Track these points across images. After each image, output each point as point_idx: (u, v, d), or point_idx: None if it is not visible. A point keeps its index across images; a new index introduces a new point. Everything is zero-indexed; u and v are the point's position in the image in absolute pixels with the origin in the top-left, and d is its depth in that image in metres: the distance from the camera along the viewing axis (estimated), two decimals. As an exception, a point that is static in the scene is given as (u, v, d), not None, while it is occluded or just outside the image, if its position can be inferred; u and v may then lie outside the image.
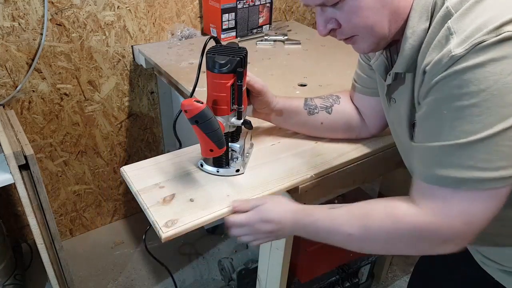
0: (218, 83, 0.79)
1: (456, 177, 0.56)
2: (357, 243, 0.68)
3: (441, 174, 0.58)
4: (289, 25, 1.88)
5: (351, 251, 1.35)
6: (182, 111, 0.75)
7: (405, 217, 0.62)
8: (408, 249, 0.64)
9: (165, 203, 0.80)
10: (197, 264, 1.75)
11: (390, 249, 0.66)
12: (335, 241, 0.70)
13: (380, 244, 0.66)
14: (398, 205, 0.64)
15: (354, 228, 0.67)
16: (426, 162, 0.60)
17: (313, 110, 0.96)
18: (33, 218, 1.17)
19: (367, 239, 0.66)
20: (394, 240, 0.64)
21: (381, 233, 0.64)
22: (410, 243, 0.63)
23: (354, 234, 0.66)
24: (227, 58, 0.77)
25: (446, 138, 0.56)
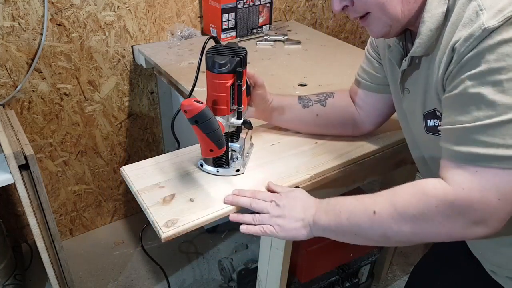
0: (217, 83, 0.79)
1: (494, 155, 0.54)
2: (383, 224, 0.62)
3: (476, 152, 0.55)
4: (289, 25, 1.88)
5: (351, 251, 1.37)
6: (180, 111, 0.75)
7: (435, 190, 0.58)
8: (439, 228, 0.58)
9: (165, 203, 0.80)
10: (197, 264, 1.75)
11: (419, 230, 0.60)
12: (358, 223, 0.65)
13: (408, 224, 0.60)
14: (427, 181, 0.60)
15: (380, 205, 0.63)
16: (459, 141, 0.57)
17: (307, 103, 0.97)
18: (33, 218, 1.17)
19: (394, 218, 0.61)
20: (423, 217, 0.59)
21: (409, 210, 0.60)
22: (440, 220, 0.58)
23: (380, 212, 0.62)
24: (227, 58, 0.77)
25: (486, 116, 0.54)
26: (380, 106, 0.93)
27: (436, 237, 0.60)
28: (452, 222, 0.57)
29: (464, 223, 0.57)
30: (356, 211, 0.66)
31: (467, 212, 0.56)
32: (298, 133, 1.03)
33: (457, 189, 0.56)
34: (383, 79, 0.89)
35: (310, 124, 0.99)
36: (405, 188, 0.62)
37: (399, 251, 1.83)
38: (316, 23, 2.11)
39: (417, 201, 0.59)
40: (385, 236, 0.63)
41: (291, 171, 0.90)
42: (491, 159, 0.54)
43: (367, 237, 0.66)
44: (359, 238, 0.67)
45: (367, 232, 0.65)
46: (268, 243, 1.06)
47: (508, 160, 0.53)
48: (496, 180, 0.54)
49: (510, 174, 0.54)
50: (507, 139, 0.53)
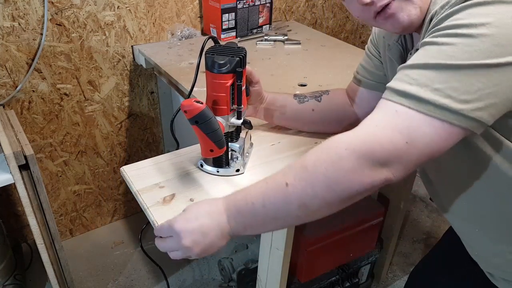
0: (217, 83, 0.79)
1: (418, 96, 0.53)
2: (297, 192, 0.57)
3: (404, 89, 0.54)
4: (289, 25, 1.88)
5: (351, 251, 1.37)
6: (179, 111, 0.75)
7: (345, 136, 0.56)
8: (350, 175, 0.54)
9: (165, 203, 0.80)
10: (197, 264, 1.75)
11: (332, 185, 0.55)
12: (274, 204, 0.59)
13: (320, 181, 0.56)
14: (336, 135, 0.58)
15: (291, 174, 0.58)
16: (394, 79, 0.57)
17: (303, 99, 0.98)
18: (33, 218, 1.17)
19: (307, 180, 0.56)
20: (334, 166, 0.55)
21: (320, 164, 0.56)
22: (351, 165, 0.54)
23: (293, 182, 0.57)
24: (227, 58, 0.77)
25: (429, 56, 0.54)
26: (372, 102, 0.93)
27: (350, 187, 0.55)
28: (362, 165, 0.54)
29: (372, 164, 0.54)
30: (268, 192, 0.60)
31: (375, 150, 0.53)
32: (298, 133, 1.03)
33: (370, 127, 0.55)
34: (382, 77, 0.89)
35: (306, 120, 0.99)
36: (314, 149, 0.59)
37: (399, 251, 1.83)
38: (316, 23, 2.11)
39: (327, 152, 0.56)
40: (303, 205, 0.57)
41: (291, 171, 0.90)
42: (413, 99, 0.53)
43: (287, 216, 0.60)
44: (280, 221, 0.61)
45: (285, 209, 0.59)
46: (268, 243, 1.06)
47: (426, 104, 0.52)
48: (410, 123, 0.53)
49: (426, 121, 0.53)
50: (435, 82, 0.52)
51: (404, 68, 0.57)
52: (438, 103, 0.52)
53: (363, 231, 1.33)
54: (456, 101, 0.51)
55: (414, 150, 0.53)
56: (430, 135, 0.53)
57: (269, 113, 0.99)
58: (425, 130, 0.53)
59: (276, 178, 0.60)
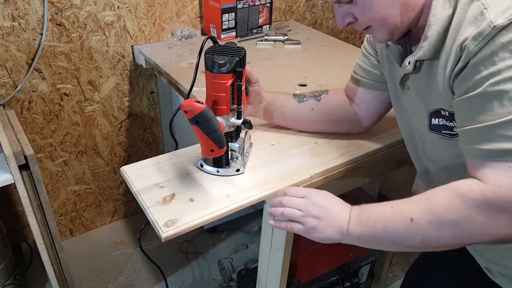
0: (217, 83, 0.79)
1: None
2: (422, 231, 0.61)
3: (505, 148, 0.56)
4: (289, 25, 1.88)
5: (351, 251, 1.36)
6: (178, 111, 0.75)
7: (472, 192, 0.57)
8: (482, 228, 0.57)
9: (165, 203, 0.80)
10: (197, 264, 1.75)
11: (461, 234, 0.59)
12: (395, 232, 0.64)
13: (448, 229, 0.59)
14: (460, 183, 0.60)
15: (417, 212, 0.61)
16: (484, 140, 0.58)
17: (302, 98, 0.99)
18: (33, 218, 1.17)
19: (434, 224, 0.60)
20: (464, 220, 0.58)
21: (448, 214, 0.59)
22: (483, 220, 0.57)
23: (418, 220, 0.61)
24: (226, 58, 0.77)
25: (510, 111, 0.55)
26: (376, 103, 0.94)
27: (479, 238, 0.59)
28: (495, 221, 0.56)
29: (507, 221, 0.56)
30: (392, 219, 0.64)
31: (509, 209, 0.55)
32: (298, 133, 1.03)
33: (495, 187, 0.56)
34: (379, 76, 0.89)
35: (306, 119, 1.00)
36: (440, 192, 0.61)
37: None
38: (316, 23, 2.11)
39: (456, 205, 0.58)
40: (424, 242, 0.62)
41: (291, 171, 0.90)
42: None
43: (405, 245, 0.64)
44: (398, 246, 0.66)
45: (405, 240, 0.63)
46: (268, 243, 1.06)
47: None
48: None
49: None
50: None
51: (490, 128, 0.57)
52: None
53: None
54: None
55: None
56: None
57: (268, 113, 0.99)
58: None
59: (402, 208, 0.64)
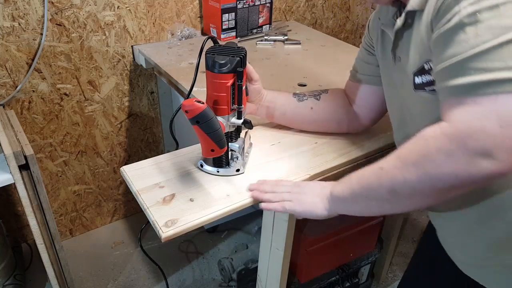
0: (218, 83, 0.79)
1: (494, 80, 0.50)
2: (388, 176, 0.62)
3: (475, 80, 0.52)
4: (289, 25, 1.88)
5: (351, 251, 1.36)
6: (178, 111, 0.75)
7: (434, 132, 0.56)
8: (442, 167, 0.54)
9: (165, 203, 0.80)
10: (197, 264, 1.75)
11: (423, 175, 0.56)
12: (367, 183, 0.66)
13: (411, 169, 0.58)
14: (427, 128, 0.58)
15: (386, 161, 0.63)
16: (455, 75, 0.54)
17: (302, 97, 0.99)
18: (33, 218, 1.17)
19: (398, 167, 0.60)
20: (425, 159, 0.56)
21: (411, 155, 0.58)
22: (443, 158, 0.54)
23: (386, 167, 0.63)
24: (227, 58, 0.78)
25: (483, 40, 0.51)
26: (374, 99, 0.94)
27: (442, 179, 0.55)
28: (455, 158, 0.53)
29: (467, 157, 0.52)
30: (365, 172, 0.67)
31: (467, 143, 0.52)
32: (298, 133, 1.03)
33: (456, 124, 0.53)
34: (374, 70, 0.90)
35: (305, 118, 1.00)
36: (410, 140, 0.60)
37: (399, 251, 1.83)
38: (316, 23, 2.11)
39: (418, 146, 0.58)
40: (393, 190, 0.61)
41: (291, 171, 0.90)
42: (492, 84, 0.51)
43: (377, 197, 0.65)
44: (371, 202, 0.67)
45: (376, 191, 0.64)
46: (268, 243, 1.06)
47: (510, 82, 0.50)
48: (496, 106, 0.50)
49: (510, 99, 0.50)
50: (508, 61, 0.50)
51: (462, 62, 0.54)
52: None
53: (363, 231, 1.33)
54: None
55: (510, 130, 0.50)
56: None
57: (269, 112, 0.99)
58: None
59: (375, 163, 0.66)
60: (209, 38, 0.82)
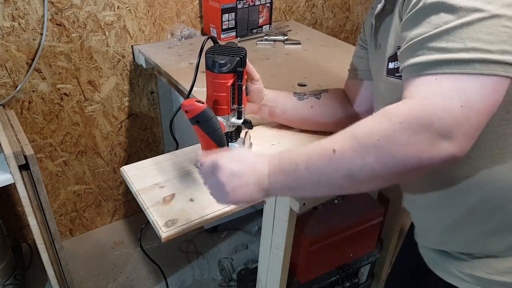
0: (218, 83, 0.79)
1: (454, 59, 0.51)
2: (345, 160, 0.55)
3: (434, 59, 0.52)
4: (289, 25, 1.88)
5: (351, 251, 1.36)
6: (178, 111, 0.75)
7: (397, 109, 0.53)
8: (406, 148, 0.51)
9: (165, 203, 0.80)
10: (197, 264, 1.75)
11: (385, 157, 0.53)
12: (318, 169, 0.57)
13: (372, 152, 0.53)
14: (387, 106, 0.55)
15: (339, 142, 0.56)
16: (417, 53, 0.54)
17: (302, 96, 0.99)
18: (33, 218, 1.17)
19: (357, 150, 0.54)
20: (387, 139, 0.52)
21: (372, 136, 0.53)
22: (406, 138, 0.51)
23: (341, 149, 0.55)
24: (227, 58, 0.78)
25: (445, 21, 0.51)
26: (368, 95, 0.94)
27: (405, 161, 0.52)
28: (419, 138, 0.51)
29: (430, 137, 0.50)
30: (313, 156, 0.58)
31: (431, 122, 0.50)
32: (298, 133, 1.03)
33: (419, 100, 0.52)
34: (367, 64, 0.90)
35: (305, 118, 1.00)
36: (366, 119, 0.56)
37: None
38: (316, 23, 2.11)
39: (380, 124, 0.53)
40: (349, 175, 0.55)
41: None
42: (451, 64, 0.51)
43: (330, 183, 0.57)
44: (322, 187, 0.58)
45: (329, 176, 0.56)
46: (268, 243, 1.06)
47: (469, 63, 0.50)
48: (457, 85, 0.50)
49: (471, 79, 0.50)
50: (467, 42, 0.50)
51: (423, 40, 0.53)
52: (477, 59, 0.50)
53: (363, 231, 1.33)
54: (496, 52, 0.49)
55: (471, 112, 0.50)
56: (480, 91, 0.50)
57: (271, 111, 0.99)
58: (474, 88, 0.50)
59: (322, 143, 0.58)
60: (209, 38, 0.82)
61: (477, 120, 0.51)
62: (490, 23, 0.49)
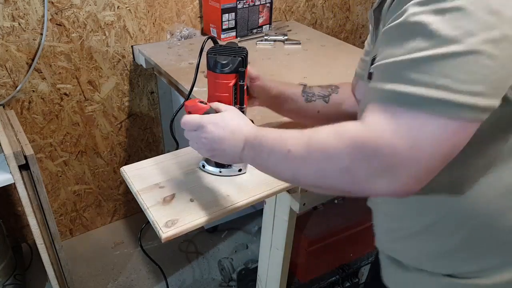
0: (220, 83, 0.79)
1: (418, 95, 0.46)
2: (293, 164, 0.56)
3: (400, 90, 0.47)
4: (289, 25, 1.88)
5: (351, 251, 1.36)
6: (178, 111, 0.74)
7: (350, 132, 0.51)
8: (343, 172, 0.50)
9: (165, 203, 0.80)
10: (197, 264, 1.75)
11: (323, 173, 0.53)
12: (275, 162, 0.59)
13: (314, 165, 0.53)
14: (347, 123, 0.53)
15: (296, 144, 0.56)
16: (386, 78, 0.50)
17: (311, 97, 0.95)
18: (33, 218, 1.17)
19: (304, 158, 0.54)
20: (330, 157, 0.51)
21: (319, 149, 0.53)
22: (346, 162, 0.50)
23: (294, 152, 0.56)
24: (229, 58, 0.77)
25: (420, 48, 0.46)
26: None
27: (339, 185, 0.52)
28: (357, 166, 0.49)
29: (369, 169, 0.49)
30: (275, 147, 0.59)
31: (374, 155, 0.48)
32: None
33: (371, 130, 0.49)
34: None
35: (310, 119, 0.98)
36: (326, 128, 0.54)
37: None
38: (316, 23, 2.11)
39: (331, 140, 0.52)
40: (296, 178, 0.57)
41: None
42: (414, 99, 0.46)
43: (281, 176, 0.61)
44: (279, 176, 0.62)
45: (282, 171, 0.59)
46: (268, 243, 1.06)
47: (432, 102, 0.45)
48: (413, 125, 0.46)
49: (431, 119, 0.46)
50: (437, 78, 0.45)
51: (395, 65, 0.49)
52: (442, 99, 0.45)
53: (363, 231, 1.33)
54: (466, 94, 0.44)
55: (421, 154, 0.46)
56: (438, 134, 0.46)
57: (275, 105, 0.96)
58: (432, 130, 0.46)
59: (288, 137, 0.58)
60: (209, 38, 0.82)
61: (428, 163, 0.47)
62: (467, 60, 0.44)
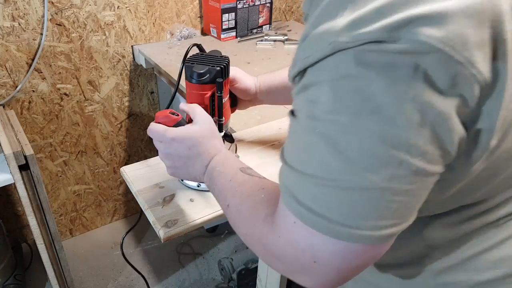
0: (196, 94, 0.74)
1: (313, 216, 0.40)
2: (229, 216, 0.56)
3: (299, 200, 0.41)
4: (289, 25, 1.88)
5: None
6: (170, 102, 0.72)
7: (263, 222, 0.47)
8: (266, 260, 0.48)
9: (165, 203, 0.80)
10: (197, 264, 1.75)
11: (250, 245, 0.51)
12: (221, 205, 0.60)
13: (242, 232, 0.52)
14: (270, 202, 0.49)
15: (233, 202, 0.55)
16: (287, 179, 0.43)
17: None
18: (33, 218, 1.18)
19: (235, 219, 0.54)
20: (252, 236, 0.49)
21: (243, 224, 0.52)
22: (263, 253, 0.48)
23: (230, 208, 0.55)
24: (206, 68, 0.73)
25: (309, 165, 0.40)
26: None
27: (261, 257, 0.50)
28: (273, 262, 0.47)
29: (283, 266, 0.46)
30: (221, 195, 0.59)
31: (283, 260, 0.44)
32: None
33: (276, 234, 0.44)
34: None
35: None
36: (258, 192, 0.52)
37: (399, 251, 1.83)
38: None
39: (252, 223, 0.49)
40: (234, 228, 0.56)
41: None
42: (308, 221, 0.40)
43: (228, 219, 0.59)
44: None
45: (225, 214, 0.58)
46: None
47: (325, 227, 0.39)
48: (313, 242, 0.40)
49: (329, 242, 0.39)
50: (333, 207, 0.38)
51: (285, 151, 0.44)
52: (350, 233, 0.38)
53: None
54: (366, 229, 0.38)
55: (328, 268, 0.41)
56: (337, 254, 0.40)
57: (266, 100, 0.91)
58: (331, 249, 0.40)
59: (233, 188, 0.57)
60: (194, 45, 0.78)
61: (340, 273, 0.41)
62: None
